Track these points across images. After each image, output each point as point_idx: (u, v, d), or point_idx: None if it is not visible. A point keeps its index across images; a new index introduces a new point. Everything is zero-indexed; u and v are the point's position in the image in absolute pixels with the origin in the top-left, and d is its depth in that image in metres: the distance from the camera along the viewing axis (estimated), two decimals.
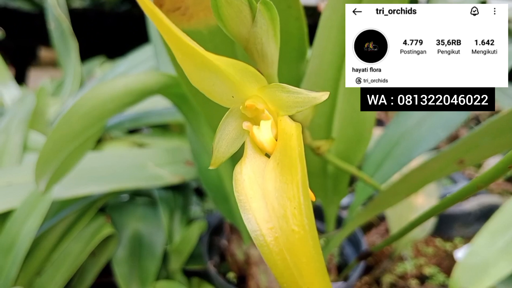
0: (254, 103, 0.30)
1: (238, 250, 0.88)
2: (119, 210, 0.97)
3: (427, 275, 1.13)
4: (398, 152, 0.74)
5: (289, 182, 0.26)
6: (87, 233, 0.84)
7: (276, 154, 0.28)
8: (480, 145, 0.56)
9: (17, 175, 0.84)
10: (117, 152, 0.98)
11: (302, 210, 0.25)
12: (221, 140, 0.32)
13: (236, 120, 0.32)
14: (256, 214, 0.27)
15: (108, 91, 0.65)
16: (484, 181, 0.38)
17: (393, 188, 0.66)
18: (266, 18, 0.32)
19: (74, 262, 0.80)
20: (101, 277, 0.90)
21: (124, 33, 2.35)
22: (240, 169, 0.30)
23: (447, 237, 1.28)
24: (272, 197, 0.27)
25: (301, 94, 0.29)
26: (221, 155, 0.32)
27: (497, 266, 0.80)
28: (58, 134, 0.62)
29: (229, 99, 0.30)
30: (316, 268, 0.24)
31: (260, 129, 0.30)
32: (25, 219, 0.74)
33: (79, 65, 1.32)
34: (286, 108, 0.30)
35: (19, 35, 2.34)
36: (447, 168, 0.63)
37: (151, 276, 0.85)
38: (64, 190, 0.76)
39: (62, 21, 1.29)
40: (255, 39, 0.33)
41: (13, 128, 1.02)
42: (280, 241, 0.25)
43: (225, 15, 0.32)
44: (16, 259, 0.71)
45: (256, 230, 0.26)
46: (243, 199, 0.28)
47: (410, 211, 1.05)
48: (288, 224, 0.25)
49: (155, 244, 0.90)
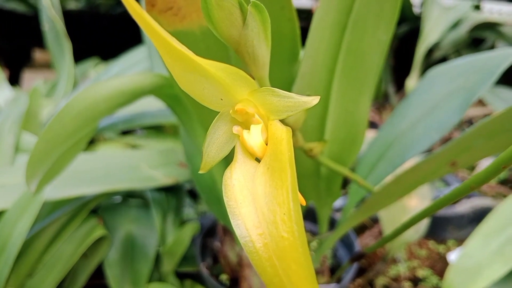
0: (245, 107, 0.29)
1: (231, 252, 0.88)
2: (112, 211, 0.96)
3: (420, 278, 1.13)
4: (392, 153, 0.73)
5: (279, 187, 0.26)
6: (79, 234, 0.84)
7: (266, 158, 0.28)
8: (472, 146, 0.56)
9: (9, 176, 0.83)
10: (110, 153, 0.97)
11: (292, 216, 0.25)
12: (211, 144, 0.31)
13: (226, 124, 0.31)
14: (246, 219, 0.26)
15: (101, 91, 0.64)
16: (477, 182, 0.38)
17: (386, 189, 0.66)
18: (257, 20, 0.32)
19: (66, 264, 0.79)
20: (93, 279, 0.90)
21: (118, 35, 2.34)
22: (230, 174, 0.29)
23: (440, 240, 1.28)
24: (262, 202, 0.26)
25: (292, 98, 0.29)
26: (211, 159, 0.32)
27: (490, 268, 0.80)
28: (50, 135, 0.62)
29: (219, 102, 0.30)
30: (305, 274, 0.24)
31: (251, 133, 0.30)
32: (17, 220, 0.73)
33: (73, 66, 1.31)
34: (277, 112, 0.30)
35: (13, 37, 2.33)
36: (440, 170, 0.63)
37: (144, 278, 0.85)
38: (56, 191, 0.76)
39: (56, 23, 1.28)
40: (246, 41, 0.33)
41: (6, 129, 1.01)
42: (269, 247, 0.25)
43: (215, 17, 0.32)
44: (7, 261, 0.70)
45: (246, 236, 0.26)
46: (233, 204, 0.27)
47: (403, 213, 1.05)
48: (277, 230, 0.25)
49: (148, 246, 0.90)
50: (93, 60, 1.75)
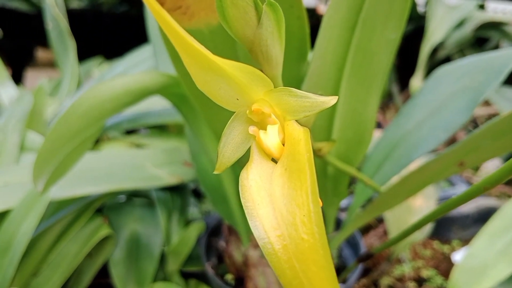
0: (261, 107, 0.29)
1: (236, 252, 0.88)
2: (117, 211, 0.96)
3: (425, 278, 1.13)
4: (398, 153, 0.73)
5: (298, 188, 0.25)
6: (84, 234, 0.84)
7: (284, 159, 0.28)
8: (480, 147, 0.55)
9: (15, 175, 0.83)
10: (115, 153, 0.97)
11: (312, 217, 0.24)
12: (226, 144, 0.31)
13: (242, 124, 0.31)
14: (264, 221, 0.26)
15: (107, 90, 0.64)
16: (491, 183, 0.38)
17: (393, 190, 0.66)
18: (272, 19, 0.32)
19: (71, 263, 0.79)
20: (98, 278, 0.90)
21: (122, 34, 2.34)
22: (247, 175, 0.29)
23: (445, 240, 1.28)
24: (280, 203, 0.26)
25: (309, 99, 0.28)
26: (227, 160, 0.31)
27: (496, 268, 0.80)
28: (56, 134, 0.61)
29: (235, 102, 0.30)
30: (326, 277, 0.24)
31: (267, 134, 0.29)
32: (22, 219, 0.73)
33: (76, 65, 1.31)
34: (293, 113, 0.29)
35: (16, 35, 2.33)
36: (447, 170, 0.63)
37: (148, 277, 0.85)
38: (62, 190, 0.75)
39: (60, 21, 1.28)
40: (260, 40, 0.33)
41: (10, 127, 1.01)
42: (288, 249, 0.25)
43: (230, 16, 0.32)
44: (12, 260, 0.70)
45: (264, 237, 0.25)
46: (250, 206, 0.27)
47: (408, 213, 1.05)
48: (297, 232, 0.24)
49: (153, 246, 0.90)
50: (97, 59, 1.75)
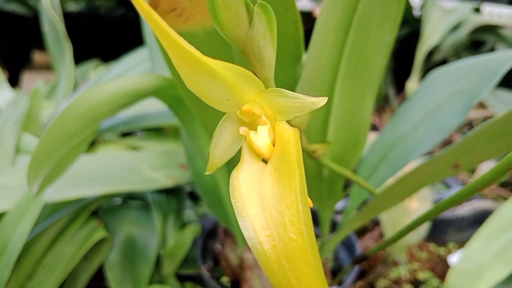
0: (251, 108, 0.29)
1: (232, 254, 0.88)
2: (112, 213, 0.96)
3: (421, 280, 1.13)
4: (394, 155, 0.73)
5: (287, 188, 0.26)
6: (80, 236, 0.83)
7: (274, 159, 0.28)
8: (475, 148, 0.56)
9: (10, 177, 0.83)
10: (111, 155, 0.97)
11: (301, 217, 0.24)
12: (217, 145, 0.31)
13: (233, 125, 0.31)
14: (254, 221, 0.26)
15: (103, 93, 0.64)
16: (482, 183, 0.38)
17: (388, 192, 0.66)
18: (264, 21, 0.32)
19: (66, 266, 0.79)
20: (94, 281, 0.90)
21: (119, 37, 2.34)
22: (237, 175, 0.29)
23: (441, 242, 1.28)
24: (269, 203, 0.26)
25: (299, 99, 0.28)
26: (218, 161, 0.31)
27: (491, 271, 0.80)
28: (52, 136, 0.61)
29: (226, 103, 0.30)
30: (315, 277, 0.24)
31: (258, 134, 0.29)
32: (17, 222, 0.73)
33: (73, 68, 1.31)
34: (284, 113, 0.29)
35: (13, 38, 2.33)
36: (442, 172, 0.63)
37: (144, 280, 0.85)
38: (57, 192, 0.75)
39: (56, 24, 1.28)
40: (252, 42, 0.33)
41: (6, 130, 1.01)
42: (278, 249, 0.25)
43: (222, 18, 0.32)
44: (7, 262, 0.70)
45: (253, 237, 0.26)
46: (240, 206, 0.27)
47: (404, 215, 1.05)
48: (286, 231, 0.25)
49: (148, 248, 0.90)
50: (93, 61, 1.74)
